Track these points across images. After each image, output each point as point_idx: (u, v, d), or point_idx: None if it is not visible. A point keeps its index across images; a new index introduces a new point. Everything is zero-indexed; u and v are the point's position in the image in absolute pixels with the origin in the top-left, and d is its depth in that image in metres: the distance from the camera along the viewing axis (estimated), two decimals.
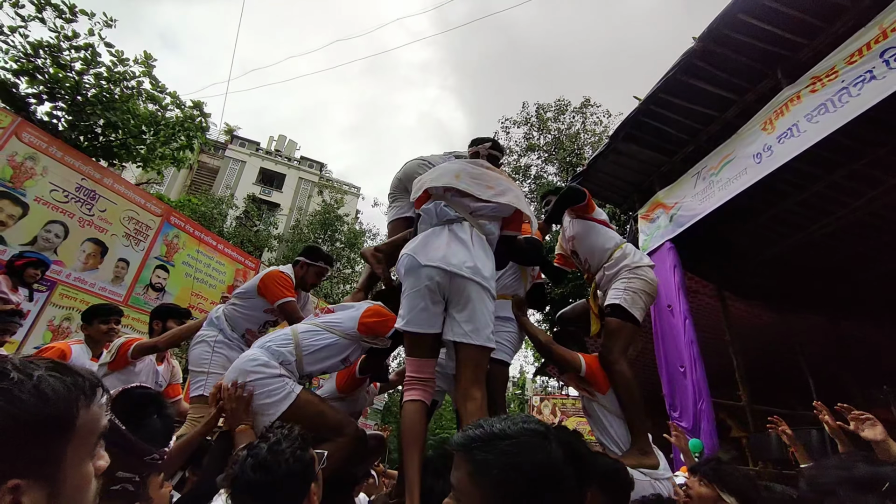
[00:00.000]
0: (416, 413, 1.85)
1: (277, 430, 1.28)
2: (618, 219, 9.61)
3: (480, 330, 1.85)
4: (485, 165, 2.24)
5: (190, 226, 7.48)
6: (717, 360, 5.33)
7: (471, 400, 1.78)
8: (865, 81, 3.10)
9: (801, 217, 5.08)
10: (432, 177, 2.14)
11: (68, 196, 5.70)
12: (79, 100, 6.36)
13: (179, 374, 3.71)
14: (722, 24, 3.73)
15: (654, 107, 4.53)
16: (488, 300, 1.91)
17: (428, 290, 1.89)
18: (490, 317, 1.90)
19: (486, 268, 1.92)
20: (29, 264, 4.04)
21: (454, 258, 1.88)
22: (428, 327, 1.90)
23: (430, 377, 1.94)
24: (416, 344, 1.94)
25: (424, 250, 1.95)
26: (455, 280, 1.87)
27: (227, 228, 17.22)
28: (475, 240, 1.98)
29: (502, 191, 2.07)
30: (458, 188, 2.05)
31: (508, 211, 2.12)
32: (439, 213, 2.07)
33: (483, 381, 1.86)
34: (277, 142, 30.20)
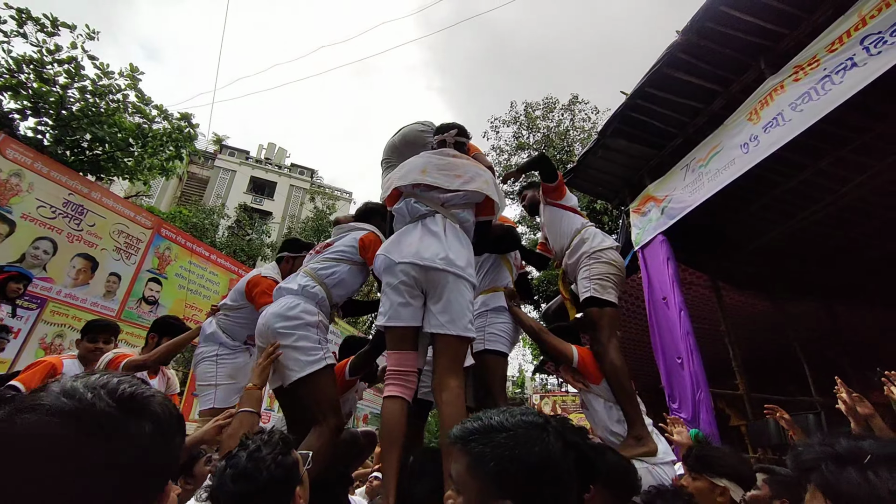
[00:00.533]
0: (395, 411, 1.84)
1: (256, 436, 1.24)
2: (610, 213, 9.66)
3: (456, 320, 1.85)
4: (450, 154, 2.25)
5: (181, 237, 7.42)
6: (713, 351, 5.37)
7: (446, 389, 1.78)
8: (847, 69, 3.14)
9: (791, 205, 5.13)
10: (399, 175, 2.16)
11: (56, 212, 5.63)
12: (64, 114, 6.30)
13: (176, 385, 3.67)
14: (705, 17, 3.77)
15: (641, 101, 4.56)
16: (465, 289, 1.92)
17: (405, 285, 1.91)
18: (468, 306, 1.91)
19: (460, 257, 1.92)
20: (9, 279, 3.97)
21: (427, 252, 1.89)
22: (408, 321, 1.92)
23: (412, 370, 1.93)
24: (398, 338, 1.95)
25: (398, 248, 1.97)
26: (430, 273, 1.88)
27: (220, 238, 17.11)
28: (448, 231, 1.99)
29: (470, 178, 2.09)
30: (425, 183, 2.07)
31: (479, 197, 2.14)
32: (411, 210, 2.09)
33: (460, 371, 1.86)
34: (267, 150, 30.07)
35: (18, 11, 5.92)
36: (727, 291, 5.68)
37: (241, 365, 3.00)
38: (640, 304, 5.08)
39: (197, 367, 2.99)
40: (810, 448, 0.68)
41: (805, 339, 6.03)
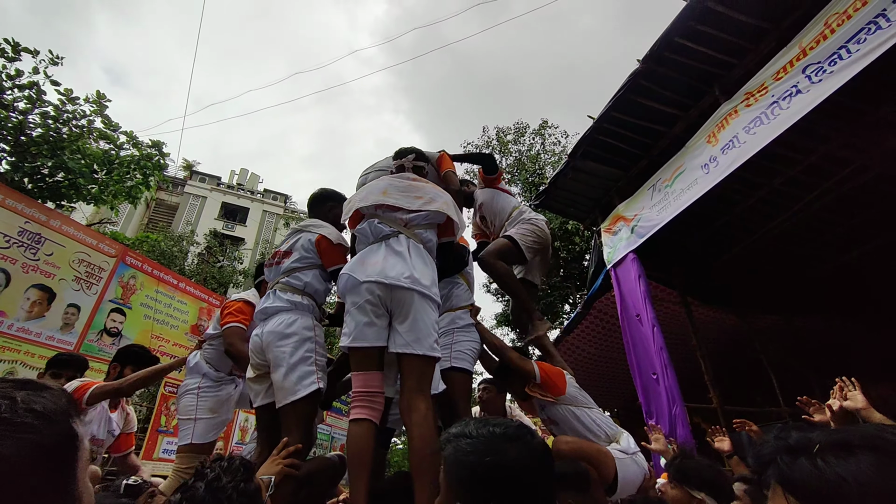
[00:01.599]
0: (363, 434, 1.80)
1: (215, 463, 1.16)
2: (581, 234, 9.89)
3: (422, 339, 1.84)
4: (410, 178, 2.30)
5: (147, 265, 7.15)
6: (686, 366, 5.49)
7: (415, 411, 1.76)
8: (793, 95, 3.39)
9: (750, 222, 5.40)
10: (360, 197, 2.18)
11: (10, 241, 5.35)
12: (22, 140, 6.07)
13: (134, 422, 3.47)
14: (662, 47, 4.01)
15: (608, 125, 4.76)
16: (430, 308, 1.92)
17: (370, 304, 1.90)
18: (432, 325, 1.91)
19: (424, 276, 1.93)
20: None
21: (392, 271, 1.89)
22: (374, 341, 1.90)
23: (378, 390, 1.90)
24: (363, 359, 1.92)
25: (362, 267, 1.96)
26: (395, 292, 1.88)
27: (189, 266, 16.56)
28: (412, 251, 2.01)
29: (431, 199, 2.13)
30: (387, 204, 2.10)
31: (441, 218, 2.17)
32: (374, 230, 2.10)
33: (427, 392, 1.84)
34: (239, 175, 29.65)
35: None
36: (696, 307, 5.85)
37: (224, 398, 2.88)
38: (615, 321, 5.17)
39: (180, 400, 2.86)
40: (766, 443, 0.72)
41: (771, 351, 6.24)
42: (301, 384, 1.93)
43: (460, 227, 2.26)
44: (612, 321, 5.83)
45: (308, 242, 2.33)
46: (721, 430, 2.74)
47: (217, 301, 8.34)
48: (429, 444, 1.68)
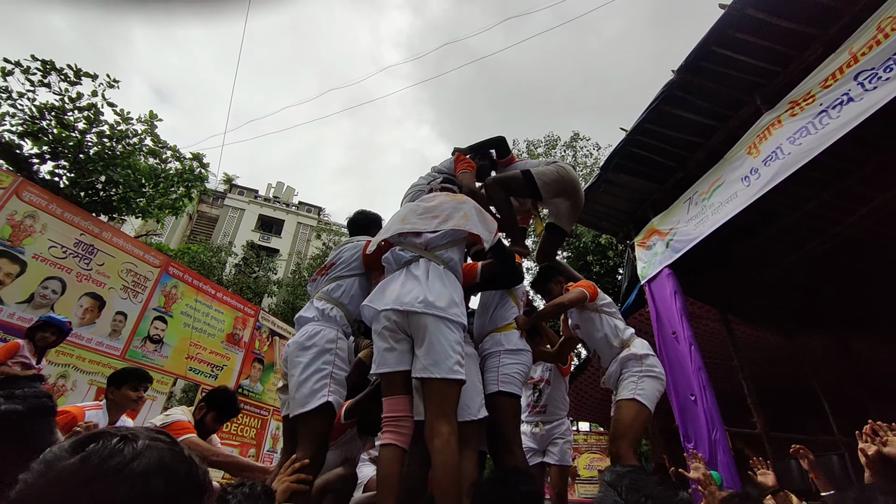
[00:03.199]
0: (391, 460, 1.80)
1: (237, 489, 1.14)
2: (615, 248, 9.65)
3: (440, 362, 1.82)
4: (429, 198, 2.31)
5: (188, 275, 7.48)
6: (727, 387, 5.20)
7: (438, 437, 1.73)
8: (843, 104, 3.21)
9: (797, 236, 5.10)
10: (384, 228, 2.24)
11: (66, 252, 5.72)
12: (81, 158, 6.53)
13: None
14: (698, 57, 3.90)
15: (641, 137, 4.65)
16: (448, 330, 1.89)
17: (388, 330, 1.93)
18: (452, 346, 1.87)
19: (441, 298, 1.92)
20: (38, 328, 4.02)
21: (407, 296, 1.91)
22: (396, 366, 1.92)
23: (405, 415, 1.90)
24: (388, 384, 1.95)
25: (381, 296, 2.00)
26: (411, 317, 1.90)
27: (227, 276, 17.21)
28: (431, 273, 2.01)
29: (447, 216, 2.13)
30: (405, 231, 2.13)
31: (461, 234, 2.16)
32: (396, 258, 2.13)
33: (451, 415, 1.81)
34: (276, 188, 30.72)
35: (43, 63, 6.26)
36: (738, 325, 5.56)
37: None
38: (650, 338, 4.99)
39: None
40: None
41: (823, 374, 5.84)
42: (311, 397, 1.93)
43: (488, 232, 2.20)
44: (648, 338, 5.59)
45: (352, 251, 2.40)
46: (765, 462, 2.55)
47: (251, 311, 8.60)
48: (450, 470, 1.66)
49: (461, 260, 2.21)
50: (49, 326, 4.05)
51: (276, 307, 16.78)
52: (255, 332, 8.44)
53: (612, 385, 2.81)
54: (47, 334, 4.03)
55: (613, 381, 2.78)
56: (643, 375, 2.63)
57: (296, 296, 17.23)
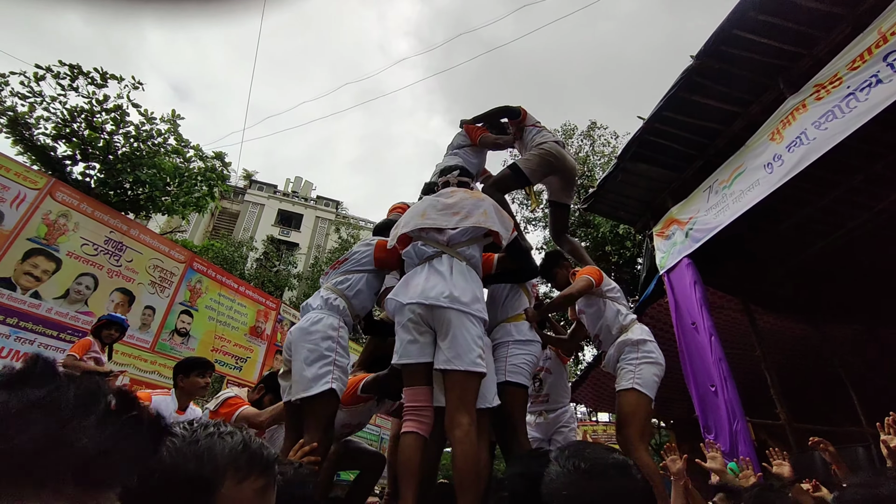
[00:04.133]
0: (411, 446, 1.89)
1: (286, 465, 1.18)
2: (633, 237, 9.51)
3: (462, 355, 1.88)
4: (448, 193, 2.35)
5: (212, 270, 7.70)
6: (749, 378, 5.12)
7: (458, 427, 1.80)
8: (872, 86, 3.09)
9: (823, 223, 4.96)
10: (403, 222, 2.28)
11: (97, 249, 5.96)
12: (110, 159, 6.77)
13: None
14: (718, 41, 3.79)
15: (660, 125, 4.56)
16: (470, 324, 1.95)
17: (412, 322, 2.00)
18: (475, 341, 1.94)
19: (465, 294, 1.98)
20: (102, 326, 4.27)
21: (432, 291, 1.97)
22: (418, 357, 1.98)
23: (426, 405, 1.98)
24: (410, 375, 2.02)
25: (405, 290, 2.07)
26: (435, 311, 1.96)
27: (248, 270, 17.60)
28: (454, 269, 2.06)
29: (467, 213, 2.18)
30: (426, 226, 2.17)
31: (481, 231, 2.20)
32: (418, 252, 2.18)
33: (471, 407, 1.88)
34: (294, 183, 31.12)
35: (71, 67, 6.49)
36: (760, 315, 5.44)
37: None
38: (669, 328, 4.93)
39: None
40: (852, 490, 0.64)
41: (850, 364, 5.68)
42: (315, 382, 2.00)
43: (506, 229, 2.25)
44: (667, 328, 5.55)
45: (364, 248, 2.47)
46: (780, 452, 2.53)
47: (273, 304, 8.81)
48: (471, 460, 1.73)
49: (481, 256, 2.26)
50: (112, 324, 4.34)
51: (296, 300, 17.11)
52: (277, 324, 8.66)
53: (611, 369, 2.88)
54: (112, 331, 4.32)
55: (612, 366, 2.84)
56: (641, 362, 2.65)
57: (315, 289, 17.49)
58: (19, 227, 5.24)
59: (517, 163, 3.31)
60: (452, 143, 3.77)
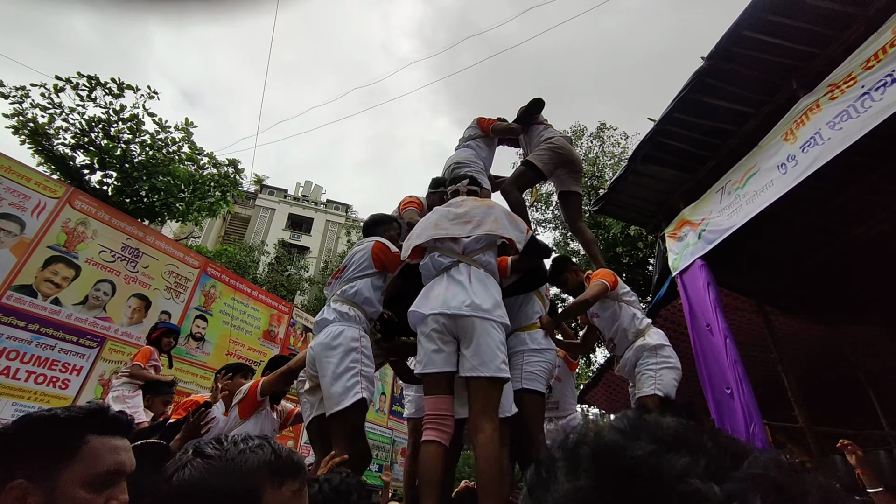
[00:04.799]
0: (434, 456, 1.90)
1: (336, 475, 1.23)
2: (645, 239, 9.45)
3: (488, 362, 1.90)
4: (460, 202, 2.37)
5: (225, 275, 7.81)
6: (766, 380, 5.06)
7: (481, 432, 1.82)
8: (887, 85, 3.05)
9: (840, 223, 4.89)
10: (416, 233, 2.30)
11: (115, 255, 6.09)
12: (126, 167, 6.92)
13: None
14: (729, 42, 3.77)
15: (671, 127, 4.55)
16: (493, 331, 1.98)
17: (436, 332, 2.01)
18: (498, 347, 1.96)
19: (486, 301, 2.00)
20: (162, 334, 4.44)
21: (453, 301, 1.99)
22: (442, 367, 2.01)
23: (447, 414, 1.99)
24: (433, 384, 2.04)
25: (426, 301, 2.09)
26: (458, 320, 1.98)
27: (260, 275, 17.79)
28: (472, 277, 2.09)
29: (479, 221, 2.20)
30: (439, 237, 2.19)
31: (494, 238, 2.22)
32: (435, 264, 2.20)
33: (494, 413, 1.90)
34: (304, 188, 31.42)
35: (89, 79, 6.65)
36: (776, 316, 5.38)
37: None
38: (683, 330, 4.90)
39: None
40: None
41: (870, 366, 5.59)
42: (346, 394, 2.04)
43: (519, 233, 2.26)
44: (681, 330, 5.51)
45: (362, 253, 2.49)
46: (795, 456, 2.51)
47: (286, 308, 8.90)
48: (493, 465, 1.75)
49: (497, 262, 2.28)
50: (171, 332, 4.50)
51: (308, 304, 17.26)
52: (290, 328, 8.75)
53: (626, 373, 2.87)
54: (171, 339, 4.47)
55: (628, 370, 2.83)
56: (661, 367, 2.66)
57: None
58: (40, 235, 5.38)
59: (531, 159, 3.44)
60: (464, 135, 3.83)
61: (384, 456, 10.28)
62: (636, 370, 2.75)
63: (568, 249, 12.32)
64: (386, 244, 2.53)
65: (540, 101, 3.78)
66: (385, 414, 10.76)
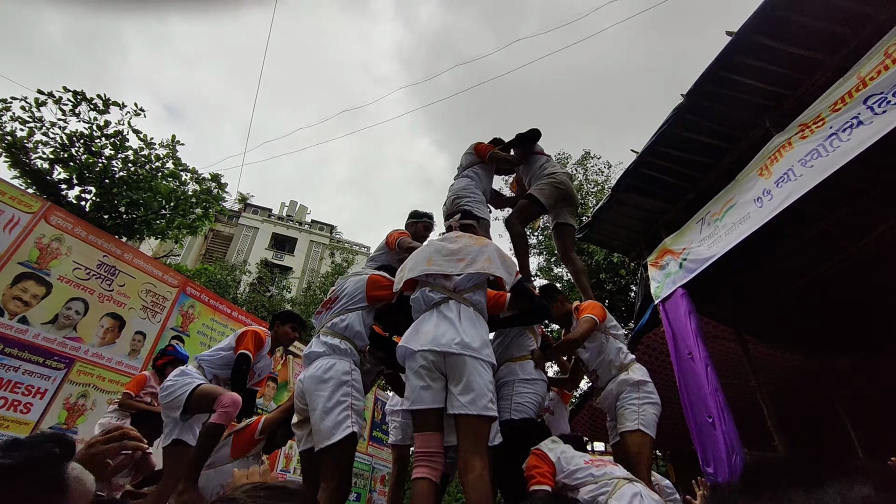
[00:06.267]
0: (423, 492, 1.89)
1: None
2: (627, 267, 9.61)
3: (477, 400, 1.90)
4: (453, 238, 2.40)
5: (205, 295, 7.62)
6: (745, 409, 5.11)
7: (471, 471, 1.81)
8: (853, 127, 3.23)
9: (813, 255, 5.07)
10: (409, 267, 2.31)
11: (90, 273, 5.89)
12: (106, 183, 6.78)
13: None
14: (706, 81, 3.96)
15: (652, 158, 4.70)
16: (483, 369, 1.98)
17: (424, 369, 2.01)
18: (487, 385, 1.96)
19: (475, 340, 2.02)
20: (168, 363, 4.30)
21: (443, 338, 2.00)
22: (431, 403, 2.00)
23: (437, 450, 1.98)
24: (422, 420, 2.03)
25: (416, 337, 2.09)
26: (448, 358, 1.99)
27: (241, 295, 17.41)
28: (462, 315, 2.10)
29: (472, 259, 2.23)
30: (432, 272, 2.21)
31: (485, 276, 2.25)
32: (425, 299, 2.22)
33: (483, 451, 1.89)
34: (289, 207, 31.23)
35: (74, 94, 6.58)
36: (754, 345, 5.49)
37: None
38: (665, 357, 4.95)
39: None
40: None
41: (845, 396, 5.70)
42: (336, 428, 2.01)
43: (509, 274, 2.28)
44: (663, 357, 5.56)
45: (356, 285, 2.47)
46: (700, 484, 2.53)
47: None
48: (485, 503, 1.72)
49: (486, 300, 2.30)
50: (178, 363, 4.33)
51: None
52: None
53: (605, 406, 2.87)
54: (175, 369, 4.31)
55: (609, 403, 2.83)
56: (643, 402, 2.67)
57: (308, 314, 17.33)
58: (11, 251, 5.18)
59: (533, 193, 3.54)
60: (461, 163, 3.85)
61: (363, 483, 9.95)
62: (618, 404, 2.75)
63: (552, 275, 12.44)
64: (382, 276, 2.52)
65: (537, 132, 3.85)
66: (365, 440, 10.46)
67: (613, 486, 2.07)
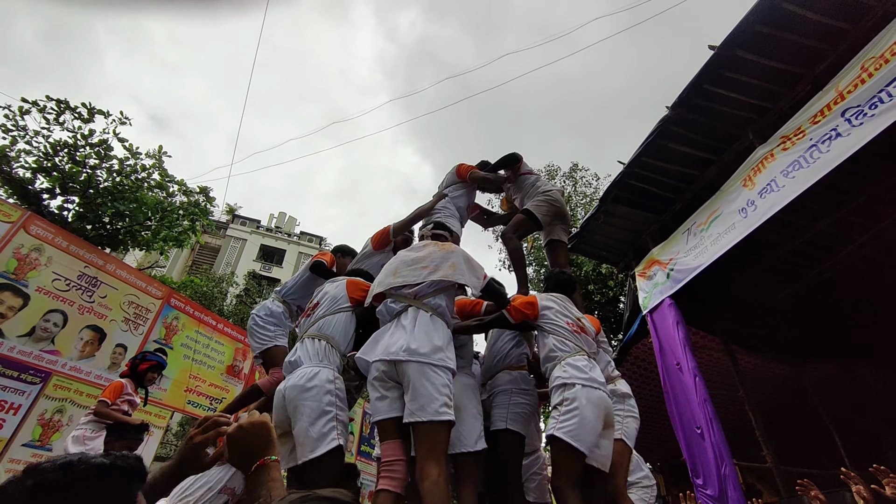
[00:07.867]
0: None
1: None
2: (615, 277, 9.66)
3: (425, 406, 1.87)
4: (420, 246, 2.42)
5: (190, 307, 7.47)
6: (734, 418, 5.12)
7: (426, 478, 1.77)
8: (832, 139, 3.32)
9: (796, 265, 5.15)
10: (377, 281, 2.33)
11: (70, 284, 5.74)
12: (90, 193, 6.65)
13: None
14: (691, 94, 4.04)
15: (639, 170, 4.76)
16: (433, 374, 1.94)
17: (377, 380, 2.02)
18: (437, 390, 1.92)
19: (423, 345, 1.99)
20: (150, 369, 4.16)
21: (393, 346, 2.00)
22: (387, 413, 1.99)
23: (397, 458, 1.93)
24: (381, 430, 2.02)
25: (373, 348, 2.10)
26: (398, 366, 1.98)
27: (228, 307, 17.13)
28: (418, 321, 2.09)
29: (435, 267, 2.24)
30: (397, 284, 2.22)
31: (449, 282, 2.25)
32: (388, 310, 2.21)
33: (440, 457, 1.84)
34: (278, 219, 30.99)
35: (58, 102, 6.48)
36: (741, 354, 5.52)
37: None
38: (653, 368, 4.95)
39: None
40: None
41: (830, 404, 5.75)
42: (321, 441, 1.94)
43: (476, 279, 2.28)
44: (651, 368, 5.56)
45: (336, 288, 2.47)
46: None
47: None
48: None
49: (450, 304, 2.29)
50: (159, 368, 4.17)
51: None
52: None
53: None
54: (156, 375, 4.16)
55: None
56: (626, 415, 2.70)
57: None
58: None
59: (530, 209, 3.60)
60: (443, 181, 3.89)
61: None
62: None
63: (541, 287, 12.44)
64: (359, 279, 2.53)
65: (516, 156, 3.92)
66: (353, 455, 10.26)
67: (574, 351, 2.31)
